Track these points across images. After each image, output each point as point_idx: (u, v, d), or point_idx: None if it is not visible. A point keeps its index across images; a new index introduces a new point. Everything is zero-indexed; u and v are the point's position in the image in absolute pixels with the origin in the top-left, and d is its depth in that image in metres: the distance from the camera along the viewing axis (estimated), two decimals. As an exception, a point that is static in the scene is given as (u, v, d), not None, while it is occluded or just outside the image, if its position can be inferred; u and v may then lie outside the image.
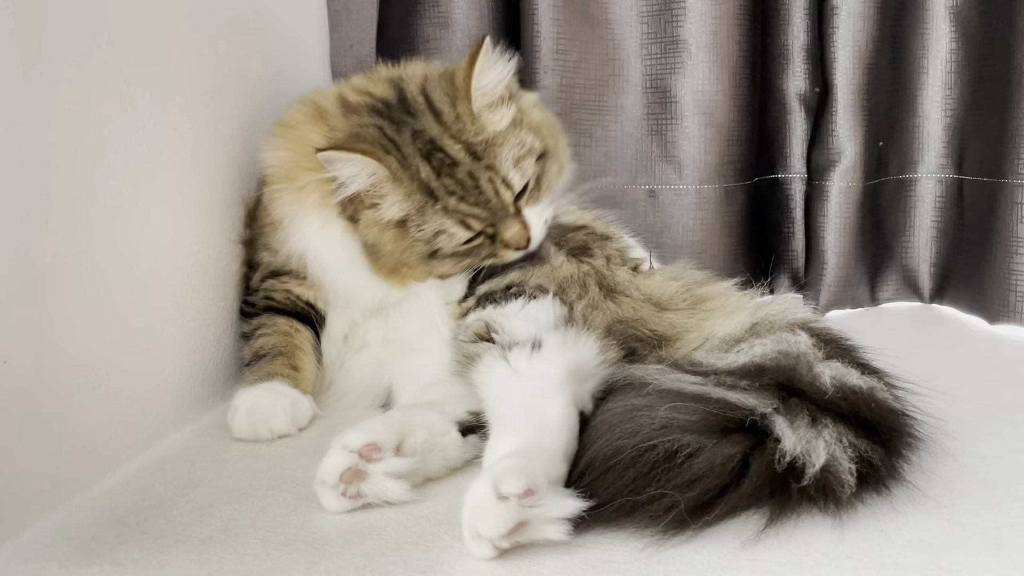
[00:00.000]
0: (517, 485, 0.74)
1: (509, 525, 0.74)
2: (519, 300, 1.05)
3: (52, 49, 0.89)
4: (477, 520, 0.75)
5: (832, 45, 1.56)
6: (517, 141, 1.09)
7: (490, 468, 0.78)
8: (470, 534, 0.76)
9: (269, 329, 1.18)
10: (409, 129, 1.07)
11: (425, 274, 1.11)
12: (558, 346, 0.95)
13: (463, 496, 0.77)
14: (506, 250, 1.10)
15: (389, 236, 1.08)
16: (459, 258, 1.09)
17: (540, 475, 0.77)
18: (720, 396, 0.87)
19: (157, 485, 0.96)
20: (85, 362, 0.95)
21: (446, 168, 1.06)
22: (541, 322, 0.99)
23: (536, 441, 0.83)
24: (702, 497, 0.79)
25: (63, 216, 0.91)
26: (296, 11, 1.52)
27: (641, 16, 1.59)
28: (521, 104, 1.13)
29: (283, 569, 0.77)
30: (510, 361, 0.94)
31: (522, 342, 0.95)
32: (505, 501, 0.74)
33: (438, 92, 1.09)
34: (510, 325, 0.99)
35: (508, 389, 0.92)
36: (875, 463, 0.84)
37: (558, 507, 0.76)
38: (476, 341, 1.00)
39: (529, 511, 0.75)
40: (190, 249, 1.14)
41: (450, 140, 1.06)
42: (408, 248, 1.08)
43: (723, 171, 1.60)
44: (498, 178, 1.07)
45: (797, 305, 1.08)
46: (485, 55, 1.06)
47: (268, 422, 1.06)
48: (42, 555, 0.80)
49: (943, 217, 1.65)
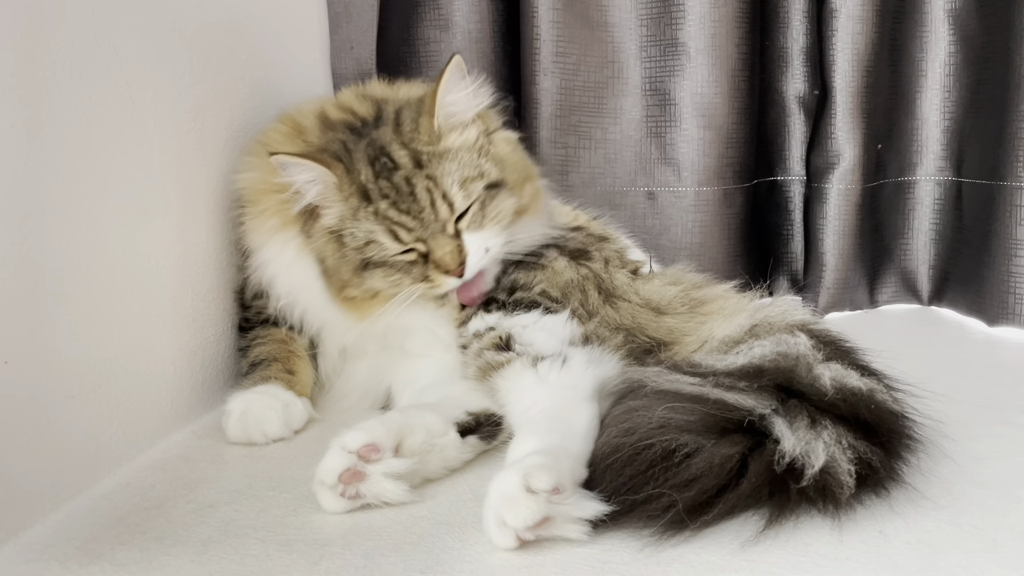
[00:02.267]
0: (547, 482, 0.76)
1: (536, 518, 0.76)
2: (533, 312, 1.05)
3: (54, 50, 0.90)
4: (505, 509, 0.77)
5: (831, 48, 1.56)
6: (470, 162, 1.06)
7: (518, 462, 0.80)
8: (496, 522, 0.77)
9: (264, 339, 1.18)
10: (367, 139, 1.06)
11: (368, 294, 1.07)
12: (586, 362, 0.97)
13: (488, 485, 0.79)
14: (436, 272, 1.03)
15: (331, 248, 1.06)
16: (389, 272, 1.05)
17: (567, 475, 0.79)
18: (718, 397, 0.87)
19: (158, 486, 0.96)
20: (86, 363, 0.95)
21: (385, 171, 1.03)
22: (563, 336, 1.01)
23: (563, 445, 0.85)
24: (700, 497, 0.79)
25: (64, 218, 0.91)
26: (296, 13, 1.53)
27: (640, 19, 1.59)
28: (492, 135, 1.11)
29: (283, 570, 0.77)
30: (539, 371, 0.96)
31: (550, 355, 0.98)
32: (534, 495, 0.76)
33: (411, 110, 1.08)
34: (529, 335, 1.01)
35: (536, 396, 0.94)
36: (874, 465, 0.84)
37: (581, 508, 0.78)
38: (495, 350, 1.01)
39: (555, 508, 0.77)
40: (191, 251, 1.14)
41: (398, 146, 1.05)
42: (343, 259, 1.05)
43: (722, 173, 1.60)
44: (437, 191, 1.03)
45: (796, 307, 1.08)
46: (452, 71, 1.04)
47: (261, 426, 1.06)
48: (43, 555, 0.81)
49: (942, 220, 1.65)
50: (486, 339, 1.03)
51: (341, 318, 1.11)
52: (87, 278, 0.95)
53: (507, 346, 1.01)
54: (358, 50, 1.62)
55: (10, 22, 0.83)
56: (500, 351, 1.01)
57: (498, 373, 0.99)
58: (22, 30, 0.85)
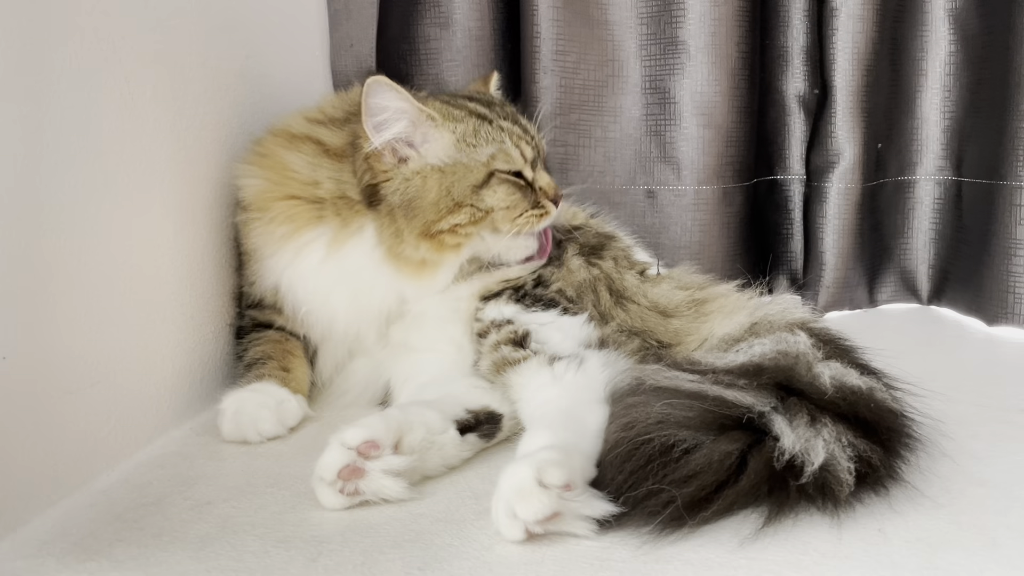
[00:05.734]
0: (560, 477, 0.77)
1: (547, 512, 0.76)
2: (551, 311, 1.06)
3: (53, 48, 0.89)
4: (517, 501, 0.77)
5: (831, 47, 1.56)
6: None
7: (531, 455, 0.80)
8: (506, 513, 0.78)
9: (260, 340, 1.17)
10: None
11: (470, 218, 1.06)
12: (602, 365, 0.99)
13: (498, 477, 0.80)
14: (545, 199, 1.10)
15: (433, 181, 1.05)
16: (511, 189, 1.08)
17: (578, 473, 0.80)
18: (717, 394, 0.87)
19: (155, 482, 0.96)
20: (84, 359, 0.95)
21: (493, 106, 1.14)
22: (580, 338, 1.03)
23: (575, 443, 0.85)
24: (699, 493, 0.79)
25: (62, 214, 0.91)
26: (296, 11, 1.52)
27: (640, 17, 1.59)
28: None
29: (281, 566, 0.77)
30: (555, 370, 0.98)
31: (567, 356, 0.99)
32: (546, 490, 0.76)
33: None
34: (545, 333, 1.03)
35: (551, 394, 0.96)
36: (874, 463, 0.84)
37: (590, 506, 0.79)
38: (511, 345, 1.02)
39: (565, 504, 0.77)
40: (189, 247, 1.14)
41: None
42: (454, 184, 1.05)
43: (722, 172, 1.60)
44: (532, 131, 1.14)
45: (796, 306, 1.08)
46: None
47: (255, 424, 1.06)
48: (40, 551, 0.80)
49: (941, 219, 1.65)
50: (503, 332, 1.04)
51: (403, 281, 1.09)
52: (85, 274, 0.95)
53: (523, 343, 1.02)
54: (358, 48, 1.62)
55: (9, 19, 0.83)
56: (517, 347, 1.02)
57: (513, 369, 1.00)
58: (21, 27, 0.85)
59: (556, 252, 1.16)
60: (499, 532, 0.79)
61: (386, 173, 1.06)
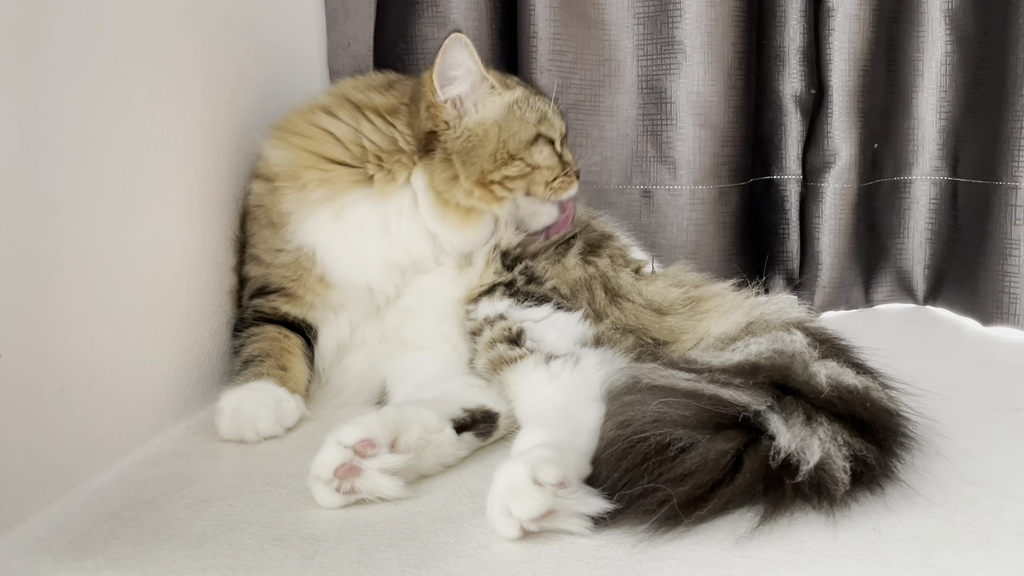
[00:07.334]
0: (555, 475, 0.77)
1: (542, 510, 0.77)
2: (544, 306, 1.07)
3: (50, 44, 0.89)
4: (511, 499, 0.77)
5: (828, 47, 1.56)
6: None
7: (525, 453, 0.80)
8: (501, 511, 0.78)
9: (258, 337, 1.17)
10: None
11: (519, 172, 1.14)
12: (598, 364, 0.99)
13: (489, 476, 0.80)
14: (570, 171, 1.20)
15: (493, 134, 1.14)
16: (552, 152, 1.18)
17: (573, 470, 0.80)
18: (713, 393, 0.87)
19: (152, 481, 0.96)
20: (80, 358, 0.95)
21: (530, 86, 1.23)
22: (575, 336, 1.04)
23: (570, 440, 0.85)
24: (695, 492, 0.79)
25: (59, 212, 0.91)
26: (293, 9, 1.52)
27: (637, 17, 1.59)
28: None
29: (277, 565, 0.77)
30: (551, 369, 0.98)
31: (563, 355, 1.00)
32: (541, 488, 0.76)
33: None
34: (540, 331, 1.04)
35: (547, 393, 0.96)
36: (869, 462, 0.84)
37: (585, 504, 0.79)
38: (507, 343, 1.03)
39: (560, 501, 0.77)
40: (186, 245, 1.14)
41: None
42: (511, 139, 1.14)
43: (718, 172, 1.60)
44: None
45: (792, 305, 1.08)
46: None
47: (253, 423, 1.05)
48: (36, 549, 0.80)
49: (937, 219, 1.66)
50: (497, 328, 1.04)
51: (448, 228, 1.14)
52: (82, 272, 0.95)
53: (518, 341, 1.03)
54: (355, 47, 1.62)
55: (5, 15, 0.83)
56: (512, 345, 1.02)
57: (510, 368, 1.00)
58: (17, 23, 0.85)
59: (563, 247, 1.18)
60: (495, 530, 0.79)
61: (447, 123, 1.13)
